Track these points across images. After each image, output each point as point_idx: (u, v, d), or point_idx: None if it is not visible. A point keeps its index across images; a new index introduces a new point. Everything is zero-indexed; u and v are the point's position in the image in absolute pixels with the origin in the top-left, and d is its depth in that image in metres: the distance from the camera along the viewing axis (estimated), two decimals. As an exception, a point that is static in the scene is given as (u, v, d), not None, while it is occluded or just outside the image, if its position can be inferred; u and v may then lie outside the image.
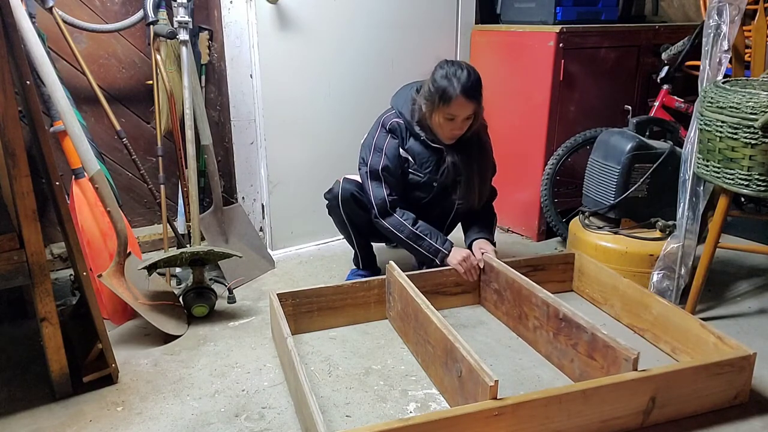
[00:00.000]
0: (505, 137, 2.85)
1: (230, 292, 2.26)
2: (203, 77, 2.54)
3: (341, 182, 2.20)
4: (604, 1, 2.78)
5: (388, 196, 2.11)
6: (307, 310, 2.00)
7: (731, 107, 1.75)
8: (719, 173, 1.84)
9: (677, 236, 2.06)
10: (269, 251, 2.63)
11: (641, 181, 2.23)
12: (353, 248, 2.34)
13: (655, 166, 2.22)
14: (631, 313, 2.02)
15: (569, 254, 2.28)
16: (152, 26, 2.22)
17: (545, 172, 2.62)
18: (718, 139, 1.81)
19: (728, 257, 2.53)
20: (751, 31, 2.18)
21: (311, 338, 1.99)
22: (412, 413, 1.61)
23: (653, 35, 2.79)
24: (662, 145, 2.26)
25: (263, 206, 2.67)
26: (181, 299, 2.15)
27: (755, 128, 1.70)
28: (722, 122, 1.78)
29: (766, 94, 1.70)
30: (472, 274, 2.13)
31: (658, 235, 2.22)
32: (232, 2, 2.41)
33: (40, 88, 1.86)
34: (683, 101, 2.67)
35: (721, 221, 1.95)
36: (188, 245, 2.34)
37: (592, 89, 2.70)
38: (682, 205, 2.04)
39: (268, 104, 2.53)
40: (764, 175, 1.75)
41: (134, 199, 2.62)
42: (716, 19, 1.88)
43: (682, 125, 2.46)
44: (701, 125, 1.88)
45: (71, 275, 2.25)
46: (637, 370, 1.51)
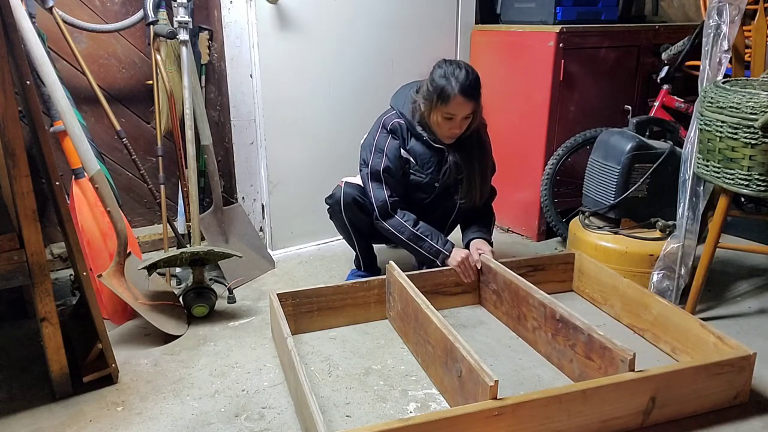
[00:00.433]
0: (505, 137, 2.85)
1: (230, 292, 2.26)
2: (203, 77, 2.54)
3: (342, 187, 2.19)
4: (604, 1, 2.78)
5: (389, 197, 2.10)
6: (307, 310, 2.00)
7: (731, 107, 1.75)
8: (719, 173, 1.84)
9: (677, 236, 2.06)
10: (269, 251, 2.63)
11: (641, 181, 2.23)
12: (354, 251, 2.34)
13: (655, 166, 2.22)
14: (631, 313, 2.02)
15: (569, 254, 2.28)
16: (152, 26, 2.22)
17: (545, 172, 2.62)
18: (718, 139, 1.81)
19: (728, 257, 2.53)
20: (751, 31, 2.18)
21: (311, 338, 1.99)
22: (412, 413, 1.61)
23: (653, 35, 2.79)
24: (662, 145, 2.26)
25: (263, 206, 2.67)
26: (181, 299, 2.15)
27: (755, 128, 1.70)
28: (722, 122, 1.78)
29: (766, 94, 1.70)
30: (469, 275, 2.13)
31: (658, 235, 2.23)
32: (232, 2, 2.41)
33: (40, 88, 1.86)
34: (683, 101, 2.67)
35: (721, 221, 1.95)
36: (188, 245, 2.34)
37: (592, 89, 2.70)
38: (682, 205, 2.04)
39: (268, 104, 2.53)
40: (764, 175, 1.75)
41: (134, 199, 2.63)
42: (716, 19, 1.88)
43: (682, 125, 2.46)
44: (701, 125, 1.88)
45: (71, 275, 2.25)
46: (633, 370, 1.51)
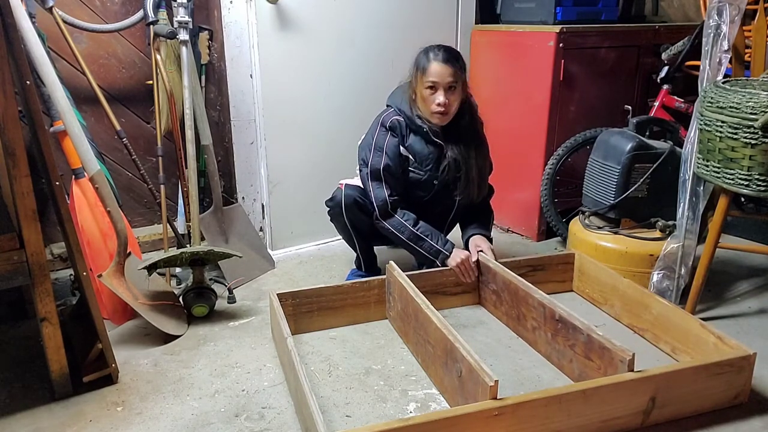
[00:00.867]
0: (505, 137, 2.85)
1: (230, 292, 2.26)
2: (203, 77, 2.54)
3: (342, 189, 2.19)
4: (604, 1, 2.78)
5: (389, 196, 2.10)
6: (307, 310, 2.00)
7: (731, 107, 1.75)
8: (719, 173, 1.84)
9: (677, 236, 2.06)
10: (269, 251, 2.63)
11: (641, 181, 2.23)
12: (355, 252, 2.34)
13: (655, 166, 2.22)
14: (631, 313, 2.02)
15: (569, 254, 2.28)
16: (152, 26, 2.22)
17: (545, 172, 2.62)
18: (718, 139, 1.81)
19: (728, 257, 2.53)
20: (751, 31, 2.18)
21: (311, 338, 1.99)
22: (412, 413, 1.61)
23: (653, 35, 2.79)
24: (662, 145, 2.26)
25: (263, 206, 2.67)
26: (181, 299, 2.15)
27: (755, 128, 1.70)
28: (722, 122, 1.78)
29: (766, 94, 1.70)
30: (469, 275, 2.13)
31: (658, 235, 2.23)
32: (232, 2, 2.41)
33: (40, 88, 1.86)
34: (683, 101, 2.67)
35: (721, 221, 1.95)
36: (188, 245, 2.34)
37: (592, 89, 2.70)
38: (682, 205, 2.04)
39: (268, 104, 2.53)
40: (764, 175, 1.75)
41: (134, 199, 2.63)
42: (716, 19, 1.88)
43: (682, 125, 2.45)
44: (701, 125, 1.88)
45: (71, 275, 2.25)
46: (633, 371, 1.51)
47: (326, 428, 1.32)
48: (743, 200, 2.64)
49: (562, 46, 2.53)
